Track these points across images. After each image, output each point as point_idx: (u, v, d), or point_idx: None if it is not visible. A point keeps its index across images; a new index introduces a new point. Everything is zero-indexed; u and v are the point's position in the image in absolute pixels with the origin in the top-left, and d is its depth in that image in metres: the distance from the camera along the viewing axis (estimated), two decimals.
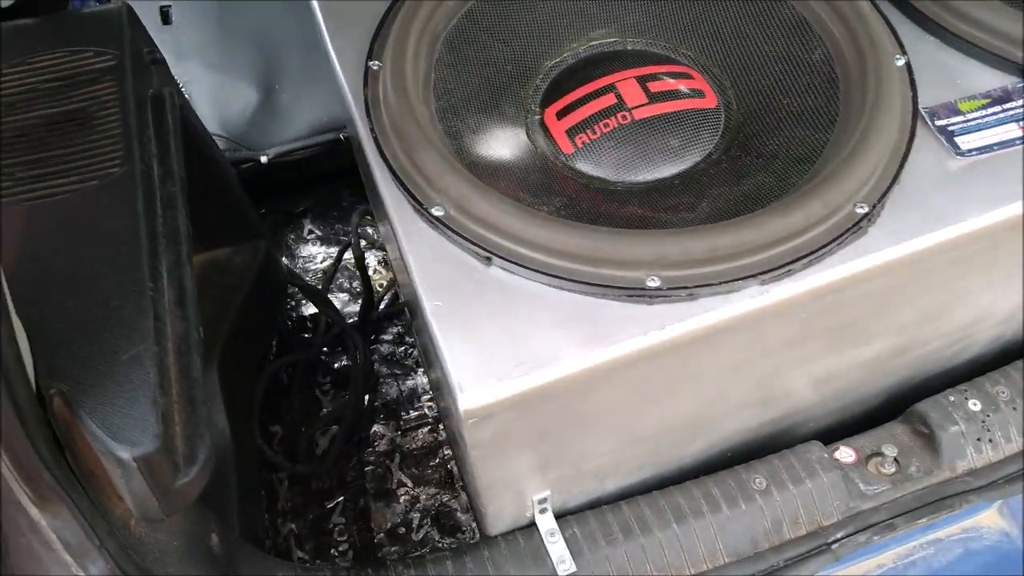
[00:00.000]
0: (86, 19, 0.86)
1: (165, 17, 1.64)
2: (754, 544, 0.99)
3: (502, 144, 0.92)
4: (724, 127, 0.94)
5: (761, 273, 0.75)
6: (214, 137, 1.55)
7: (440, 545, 1.33)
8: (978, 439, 1.06)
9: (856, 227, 0.78)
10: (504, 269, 0.77)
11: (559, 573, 0.88)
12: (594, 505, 1.01)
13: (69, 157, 0.75)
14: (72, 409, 0.63)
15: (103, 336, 0.66)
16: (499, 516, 0.95)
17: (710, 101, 0.95)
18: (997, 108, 0.87)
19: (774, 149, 0.88)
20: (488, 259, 0.77)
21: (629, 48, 1.02)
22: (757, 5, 0.98)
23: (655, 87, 0.94)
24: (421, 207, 0.80)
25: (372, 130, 0.86)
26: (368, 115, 0.87)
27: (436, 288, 0.77)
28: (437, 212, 0.79)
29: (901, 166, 0.82)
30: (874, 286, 0.83)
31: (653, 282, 0.74)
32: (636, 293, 0.75)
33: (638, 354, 0.74)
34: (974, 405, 1.08)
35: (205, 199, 1.04)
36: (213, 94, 1.57)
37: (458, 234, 0.78)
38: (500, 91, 0.96)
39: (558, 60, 1.01)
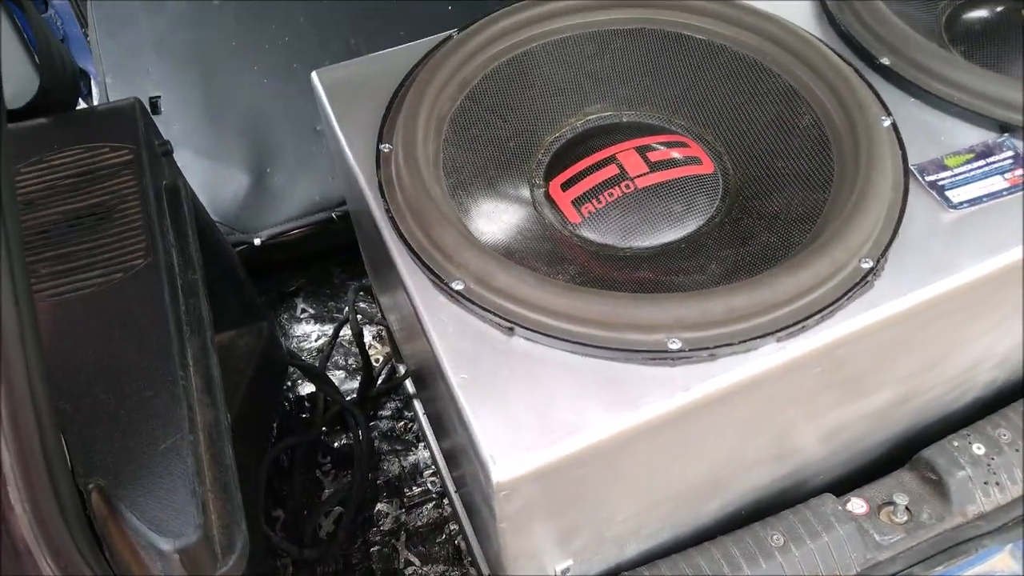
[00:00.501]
0: (101, 116, 0.88)
1: (155, 107, 1.67)
2: None
3: (512, 217, 0.94)
4: (723, 191, 0.97)
5: (777, 331, 0.78)
6: None
7: None
8: (985, 482, 1.08)
9: (863, 281, 0.81)
10: (527, 339, 0.79)
11: None
12: (614, 572, 1.01)
13: (93, 251, 0.76)
14: (111, 503, 0.62)
15: (139, 428, 0.66)
16: None
17: (707, 167, 0.99)
18: (981, 162, 0.92)
19: (775, 210, 0.92)
20: (511, 329, 0.79)
21: (625, 120, 1.06)
22: (744, 76, 1.02)
23: (654, 156, 0.98)
24: (441, 282, 0.82)
25: (388, 210, 0.88)
26: (383, 196, 0.90)
27: (461, 361, 0.78)
28: (457, 286, 0.81)
29: (899, 221, 0.85)
30: (880, 338, 0.85)
31: (675, 344, 0.76)
32: (659, 356, 0.76)
33: (664, 416, 0.76)
34: (978, 449, 1.10)
35: (212, 284, 1.05)
36: (205, 180, 1.59)
37: (479, 306, 0.79)
38: (505, 166, 0.99)
39: (558, 135, 1.04)
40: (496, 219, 0.94)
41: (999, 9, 1.14)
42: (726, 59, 1.04)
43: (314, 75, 1.06)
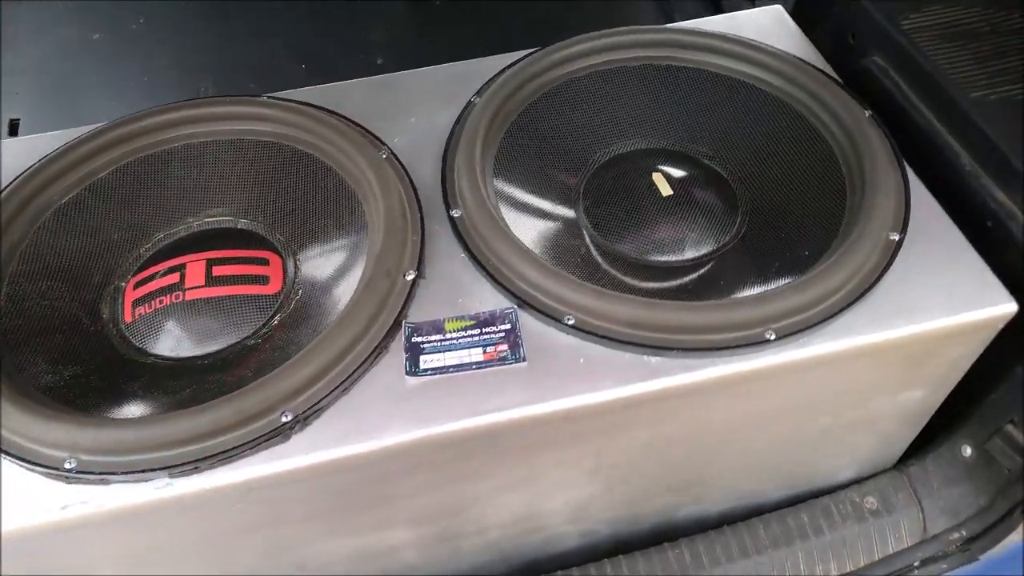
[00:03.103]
0: None
1: (13, 129, 1.84)
2: None
3: (74, 307, 1.03)
4: (274, 313, 1.03)
5: (170, 467, 0.84)
6: None
7: None
8: None
9: (276, 433, 0.86)
10: None
11: None
12: None
13: None
14: None
15: None
16: None
17: (272, 288, 1.05)
18: (476, 331, 0.94)
19: (277, 343, 0.97)
20: None
21: (239, 227, 1.12)
22: (336, 201, 1.08)
23: (219, 271, 1.05)
24: None
25: None
26: None
27: None
28: None
29: (348, 378, 0.89)
30: (319, 485, 0.90)
31: (70, 464, 0.84)
32: (55, 472, 0.84)
33: (47, 527, 0.83)
34: None
35: None
36: None
37: None
38: (97, 258, 1.07)
39: (169, 232, 1.12)
40: (61, 306, 1.03)
41: (628, 173, 1.15)
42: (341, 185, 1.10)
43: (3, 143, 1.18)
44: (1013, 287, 0.97)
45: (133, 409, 0.93)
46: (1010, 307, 0.95)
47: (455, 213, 1.04)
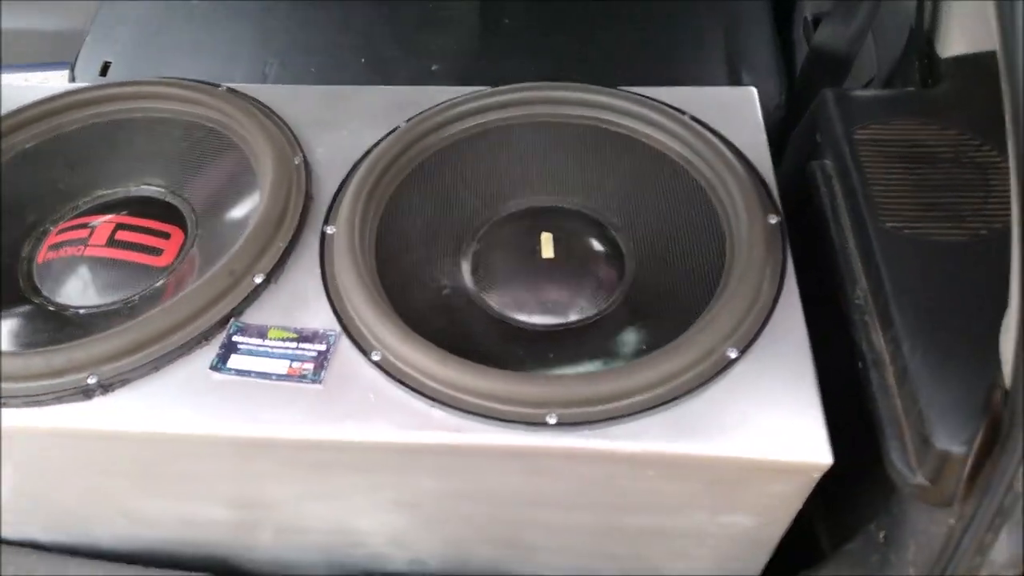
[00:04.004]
0: None
1: (104, 70, 2.05)
2: None
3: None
4: (151, 284, 1.11)
5: None
6: None
7: None
8: None
9: (78, 391, 0.94)
10: None
11: None
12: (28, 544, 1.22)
13: None
14: None
15: None
16: None
17: (163, 261, 1.13)
18: (293, 344, 0.98)
19: (139, 313, 1.06)
20: None
21: (166, 200, 1.22)
22: (243, 194, 1.16)
23: (122, 236, 1.14)
24: None
25: None
26: None
27: None
28: None
29: (162, 359, 0.96)
30: (119, 447, 0.98)
31: None
32: None
33: None
34: None
35: None
36: None
37: None
38: (38, 202, 1.21)
39: (110, 191, 1.24)
40: None
41: (527, 228, 1.15)
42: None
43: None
44: (854, 439, 0.91)
45: None
46: (825, 460, 0.88)
47: (328, 230, 1.09)
